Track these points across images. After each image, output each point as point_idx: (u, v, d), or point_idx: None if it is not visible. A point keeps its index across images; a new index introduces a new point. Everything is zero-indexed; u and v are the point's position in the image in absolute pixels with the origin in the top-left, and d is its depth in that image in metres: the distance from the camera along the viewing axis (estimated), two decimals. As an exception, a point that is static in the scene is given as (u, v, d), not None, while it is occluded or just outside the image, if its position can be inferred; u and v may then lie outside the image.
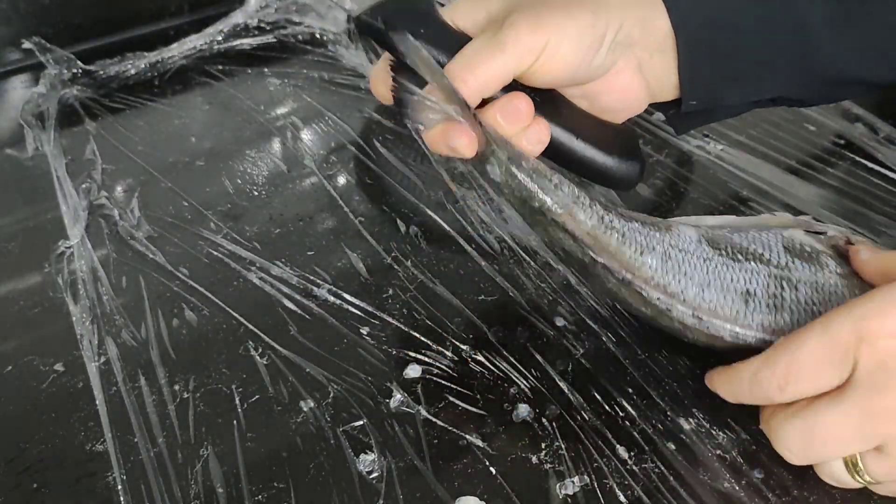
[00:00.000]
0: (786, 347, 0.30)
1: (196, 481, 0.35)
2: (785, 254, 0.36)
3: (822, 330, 0.29)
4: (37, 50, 0.64)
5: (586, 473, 0.35)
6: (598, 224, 0.35)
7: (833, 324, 0.29)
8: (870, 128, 0.56)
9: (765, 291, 0.35)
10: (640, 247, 0.35)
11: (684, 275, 0.35)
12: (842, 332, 0.29)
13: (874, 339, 0.28)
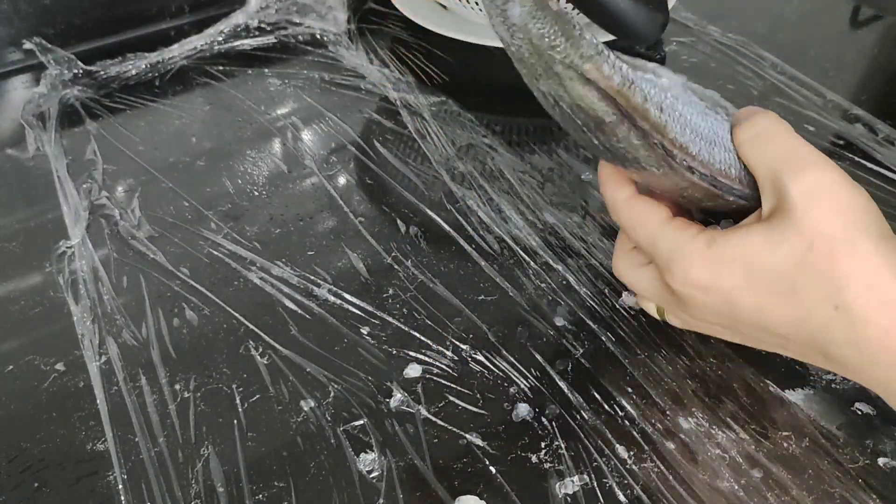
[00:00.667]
0: (638, 225, 0.35)
1: (197, 481, 0.35)
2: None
3: (649, 237, 0.35)
4: (38, 50, 0.64)
5: (586, 473, 0.35)
6: (623, 81, 0.30)
7: (657, 247, 0.34)
8: (870, 128, 0.56)
9: None
10: (659, 105, 0.31)
11: (692, 132, 0.33)
12: (658, 259, 0.35)
13: (679, 284, 0.34)
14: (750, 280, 0.32)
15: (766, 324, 0.32)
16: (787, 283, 0.31)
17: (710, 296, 0.33)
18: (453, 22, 0.66)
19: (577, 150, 0.55)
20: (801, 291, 0.31)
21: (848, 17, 0.72)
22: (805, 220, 0.30)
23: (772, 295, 0.31)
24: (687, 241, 0.33)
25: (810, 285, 0.30)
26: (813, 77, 0.61)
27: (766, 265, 0.31)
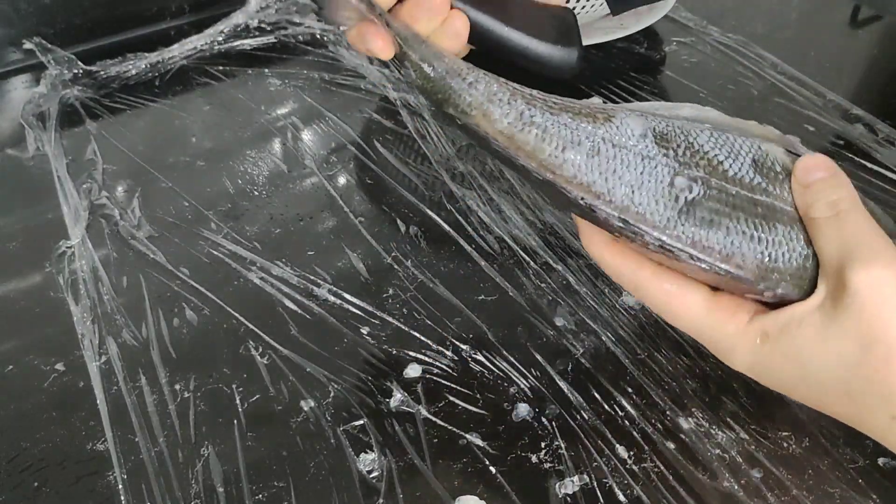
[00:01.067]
0: (674, 305, 0.32)
1: (196, 480, 0.35)
2: (749, 167, 0.32)
3: (693, 328, 0.32)
4: (38, 50, 0.64)
5: (586, 473, 0.35)
6: (515, 121, 0.31)
7: (703, 337, 0.32)
8: (869, 128, 0.56)
9: (705, 203, 0.31)
10: (564, 142, 0.31)
11: (612, 173, 0.31)
12: (707, 346, 0.32)
13: (730, 365, 0.32)
14: (804, 378, 0.30)
15: (825, 411, 0.31)
16: (842, 387, 0.29)
17: (765, 382, 0.32)
18: (453, 22, 0.66)
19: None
20: (857, 396, 0.29)
21: (848, 17, 0.72)
22: (863, 318, 0.28)
23: (827, 395, 0.30)
24: (735, 334, 0.31)
25: (866, 392, 0.28)
26: (813, 77, 0.61)
27: (820, 364, 0.29)
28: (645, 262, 0.32)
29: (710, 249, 0.31)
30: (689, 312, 0.31)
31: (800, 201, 0.31)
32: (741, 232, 0.31)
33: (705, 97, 0.59)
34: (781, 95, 0.60)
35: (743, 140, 0.33)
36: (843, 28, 0.71)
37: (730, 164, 0.32)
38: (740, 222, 0.31)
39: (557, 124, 0.32)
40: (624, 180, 0.31)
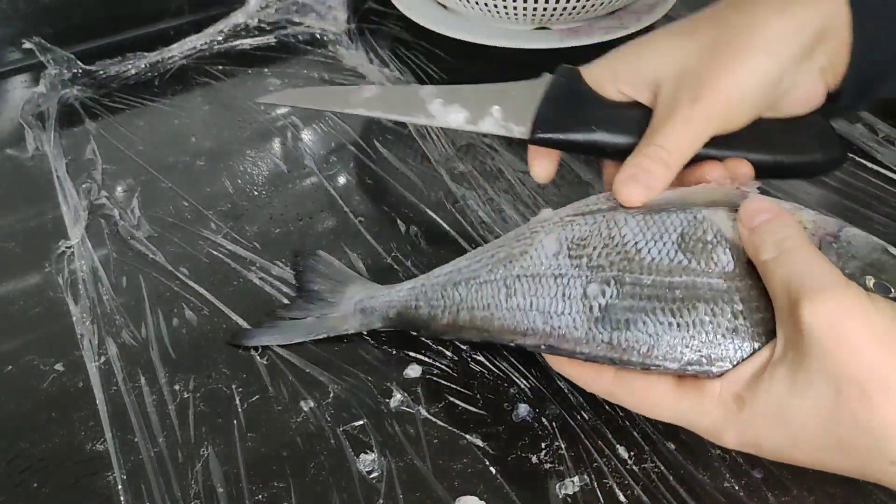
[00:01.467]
0: (645, 400, 0.32)
1: (196, 481, 0.35)
2: (672, 246, 0.32)
3: (671, 416, 0.32)
4: (37, 50, 0.64)
5: (586, 473, 0.35)
6: (449, 308, 0.37)
7: (683, 421, 0.32)
8: (870, 128, 0.56)
9: (618, 304, 0.31)
10: (487, 300, 0.35)
11: (529, 307, 0.33)
12: (690, 429, 0.32)
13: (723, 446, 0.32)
14: (794, 438, 0.29)
15: (828, 469, 0.30)
16: (831, 440, 0.28)
17: (763, 454, 0.31)
18: (453, 22, 0.66)
19: (577, 150, 0.55)
20: (849, 447, 0.28)
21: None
22: (826, 360, 0.27)
23: (823, 451, 0.29)
24: (713, 411, 0.30)
25: (855, 440, 0.27)
26: (813, 77, 0.61)
27: (801, 420, 0.28)
28: (603, 371, 0.33)
29: (632, 349, 0.31)
30: (662, 403, 0.31)
31: (748, 246, 0.31)
32: (658, 323, 0.31)
33: (705, 97, 0.59)
34: (782, 95, 0.59)
35: (676, 215, 0.33)
36: (844, 28, 0.71)
37: (649, 249, 0.32)
38: (657, 313, 0.31)
39: (479, 287, 0.35)
40: (541, 310, 0.33)
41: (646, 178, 0.34)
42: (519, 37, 0.64)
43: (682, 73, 0.35)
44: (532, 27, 0.65)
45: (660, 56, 0.36)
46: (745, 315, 0.30)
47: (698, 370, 0.30)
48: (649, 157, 0.34)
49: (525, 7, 0.61)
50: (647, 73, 0.36)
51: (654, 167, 0.34)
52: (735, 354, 0.30)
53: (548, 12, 0.61)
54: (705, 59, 0.34)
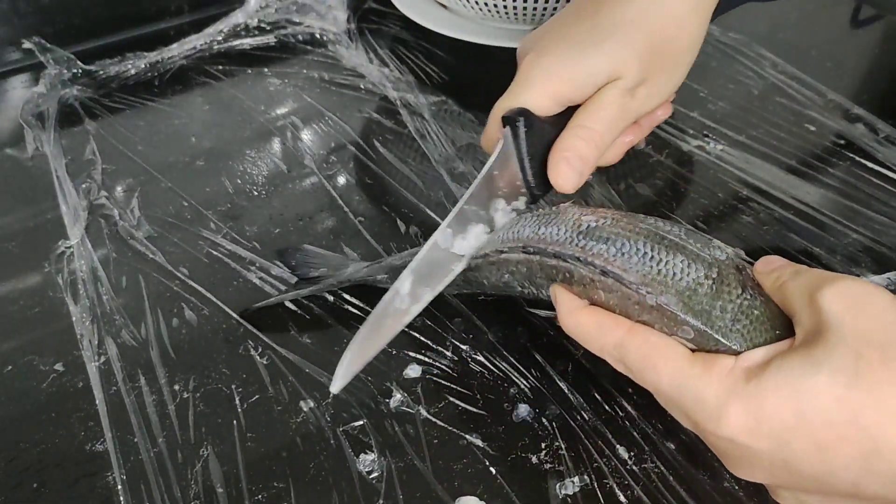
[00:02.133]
0: (655, 357, 0.30)
1: (196, 481, 0.35)
2: (678, 228, 0.34)
3: (674, 382, 0.30)
4: (37, 50, 0.64)
5: (586, 473, 0.35)
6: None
7: (685, 390, 0.30)
8: (870, 128, 0.56)
9: (605, 228, 0.34)
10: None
11: (525, 225, 0.36)
12: (685, 409, 0.30)
13: (706, 433, 0.29)
14: (801, 417, 0.27)
15: (829, 468, 0.27)
16: (843, 412, 0.26)
17: (759, 442, 0.28)
18: (453, 22, 0.66)
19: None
20: (862, 417, 0.26)
21: (848, 17, 0.72)
22: (843, 328, 0.27)
23: (829, 429, 0.26)
24: (721, 380, 0.29)
25: (871, 407, 0.26)
26: (814, 76, 0.61)
27: (815, 391, 0.26)
28: (622, 319, 0.32)
29: (598, 255, 0.33)
30: (672, 363, 0.30)
31: (766, 280, 0.32)
32: (633, 246, 0.32)
33: (706, 96, 0.59)
34: (782, 95, 0.59)
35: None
36: (844, 28, 0.71)
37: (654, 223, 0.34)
38: (636, 241, 0.33)
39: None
40: (533, 227, 0.35)
41: (576, 159, 0.37)
42: (519, 37, 0.64)
43: (616, 73, 0.37)
44: (532, 27, 0.65)
45: (587, 61, 0.37)
46: (716, 287, 0.31)
47: (648, 293, 0.31)
48: (578, 137, 0.37)
49: (525, 7, 0.61)
50: (585, 83, 0.37)
51: (583, 146, 0.37)
52: (688, 306, 0.31)
53: (547, 12, 0.61)
54: (643, 66, 0.37)
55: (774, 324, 0.31)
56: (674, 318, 0.31)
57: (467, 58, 0.66)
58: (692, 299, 0.31)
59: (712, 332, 0.30)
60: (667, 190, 0.51)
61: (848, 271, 0.44)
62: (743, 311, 0.31)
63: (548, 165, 0.37)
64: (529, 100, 0.37)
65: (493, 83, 0.57)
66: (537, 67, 0.37)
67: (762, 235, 0.47)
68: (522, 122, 0.37)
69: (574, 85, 0.37)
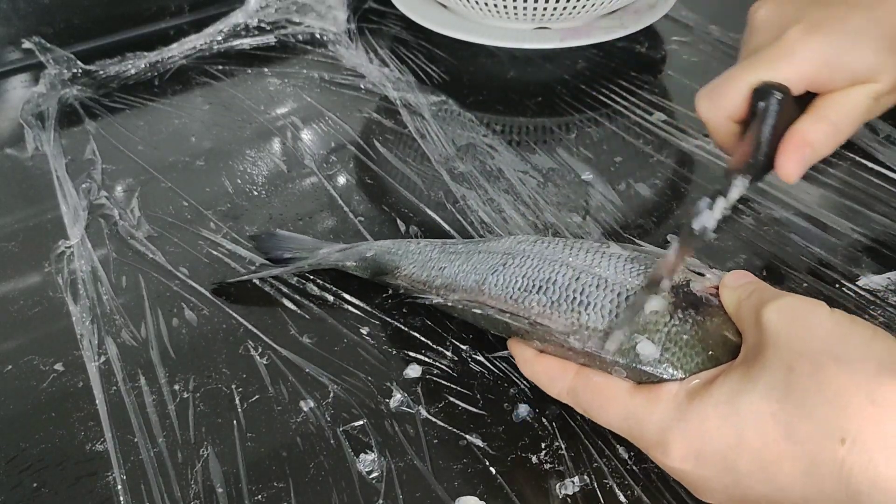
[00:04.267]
0: (601, 396, 0.32)
1: (196, 481, 0.35)
2: (621, 264, 0.35)
3: (620, 415, 0.31)
4: (37, 50, 0.64)
5: (586, 473, 0.35)
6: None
7: (631, 421, 0.31)
8: (870, 128, 0.56)
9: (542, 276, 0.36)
10: (447, 266, 0.40)
11: (474, 271, 0.38)
12: (635, 440, 0.31)
13: (658, 461, 0.30)
14: (741, 435, 0.27)
15: (775, 486, 0.27)
16: (780, 427, 0.26)
17: (705, 467, 0.28)
18: (453, 21, 0.66)
19: (578, 151, 0.55)
20: (796, 432, 0.26)
21: (848, 17, 0.72)
22: (778, 343, 0.27)
23: (768, 447, 0.26)
24: (664, 406, 0.29)
25: (803, 419, 0.26)
26: (813, 77, 0.61)
27: (751, 409, 0.27)
28: (570, 364, 0.34)
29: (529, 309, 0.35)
30: (615, 400, 0.31)
31: (728, 298, 0.32)
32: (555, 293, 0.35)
33: (705, 97, 0.59)
34: (782, 95, 0.59)
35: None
36: (844, 27, 0.71)
37: (599, 260, 0.36)
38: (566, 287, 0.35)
39: (450, 255, 0.41)
40: (478, 274, 0.38)
41: (811, 153, 0.35)
42: (519, 37, 0.64)
43: (875, 76, 0.35)
44: (532, 27, 0.65)
45: (855, 54, 0.35)
46: (642, 320, 0.32)
47: (575, 341, 0.33)
48: (821, 131, 0.35)
49: (525, 7, 0.61)
50: (843, 77, 0.35)
51: (822, 141, 0.35)
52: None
53: (548, 12, 0.61)
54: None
55: (707, 345, 0.31)
56: (603, 360, 0.32)
57: (467, 58, 0.66)
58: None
59: (641, 367, 0.32)
60: (667, 190, 0.51)
61: (848, 271, 0.44)
62: (671, 338, 0.32)
63: (780, 149, 0.35)
64: (788, 75, 0.35)
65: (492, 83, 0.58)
66: (805, 45, 0.35)
67: (762, 235, 0.47)
68: (779, 101, 0.34)
69: (833, 74, 0.35)
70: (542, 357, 0.35)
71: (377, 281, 0.43)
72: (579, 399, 0.33)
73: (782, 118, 0.35)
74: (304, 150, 0.56)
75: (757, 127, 0.34)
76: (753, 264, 0.45)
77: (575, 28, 0.66)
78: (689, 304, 0.33)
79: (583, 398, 0.33)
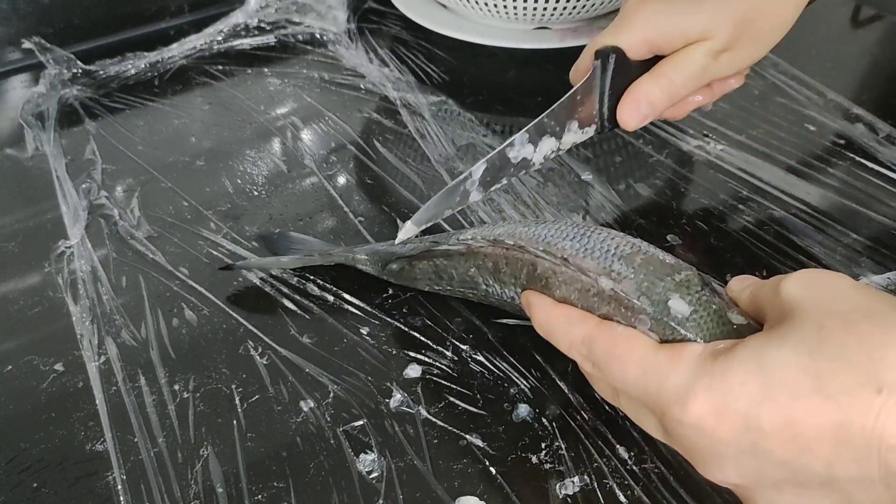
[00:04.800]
0: (622, 346, 0.31)
1: (196, 481, 0.35)
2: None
3: (640, 368, 0.30)
4: (37, 50, 0.64)
5: (586, 473, 0.35)
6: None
7: (651, 374, 0.29)
8: (870, 128, 0.56)
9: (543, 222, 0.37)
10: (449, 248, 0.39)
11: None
12: (651, 398, 0.29)
13: (673, 422, 0.28)
14: (767, 389, 0.26)
15: (799, 446, 0.25)
16: (811, 380, 0.25)
17: (724, 425, 0.26)
18: (453, 21, 0.66)
19: (578, 151, 0.55)
20: (830, 384, 0.25)
21: (848, 17, 0.72)
22: (805, 307, 0.27)
23: (797, 400, 0.25)
24: (687, 364, 0.28)
25: (836, 373, 0.25)
26: (814, 76, 0.61)
27: (779, 362, 0.26)
28: (590, 315, 0.32)
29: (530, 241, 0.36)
30: (637, 351, 0.30)
31: (744, 301, 0.32)
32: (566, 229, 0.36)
33: (705, 97, 0.59)
34: (782, 95, 0.59)
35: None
36: (844, 27, 0.71)
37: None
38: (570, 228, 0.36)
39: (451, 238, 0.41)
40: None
41: (646, 104, 0.41)
42: (519, 37, 0.64)
43: (707, 35, 0.40)
44: (532, 27, 0.65)
45: (685, 17, 0.40)
46: (675, 281, 0.32)
47: (605, 281, 0.32)
48: (655, 84, 0.41)
49: (525, 7, 0.61)
50: (677, 37, 0.40)
51: (657, 94, 0.41)
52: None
53: (548, 12, 0.61)
54: (733, 33, 0.40)
55: (733, 321, 0.31)
56: (630, 306, 0.31)
57: (467, 58, 0.66)
58: (649, 289, 0.32)
59: (668, 321, 0.31)
60: (667, 190, 0.51)
61: (848, 271, 0.44)
62: (702, 303, 0.31)
63: (620, 103, 0.41)
64: (625, 41, 0.40)
65: (492, 83, 0.58)
66: (639, 13, 0.40)
67: (762, 235, 0.47)
68: (613, 59, 0.40)
69: (668, 37, 0.40)
70: (560, 304, 0.34)
71: (386, 276, 0.43)
72: (595, 348, 0.31)
73: (618, 77, 0.41)
74: (304, 150, 0.56)
75: (587, 84, 0.41)
76: (753, 264, 0.45)
77: (575, 28, 0.66)
78: (715, 290, 0.32)
79: (600, 347, 0.31)
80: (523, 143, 0.41)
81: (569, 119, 0.42)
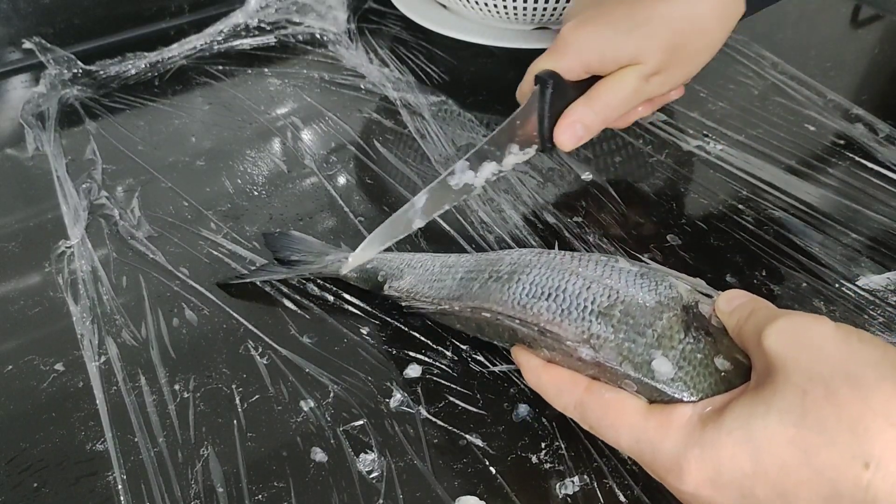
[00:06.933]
0: (612, 415, 0.31)
1: (196, 481, 0.35)
2: (630, 280, 0.34)
3: (632, 437, 0.30)
4: (37, 50, 0.64)
5: (586, 473, 0.35)
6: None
7: (644, 444, 0.30)
8: (870, 128, 0.56)
9: (546, 282, 0.35)
10: (452, 284, 0.39)
11: (474, 280, 0.38)
12: (647, 465, 0.30)
13: (672, 487, 0.30)
14: (758, 462, 0.26)
15: None
16: (797, 454, 0.26)
17: (722, 493, 0.28)
18: (453, 21, 0.66)
19: (578, 151, 0.55)
20: (818, 457, 0.25)
21: (848, 17, 0.72)
22: (786, 366, 0.27)
23: (788, 474, 0.26)
24: (678, 431, 0.29)
25: (822, 447, 0.25)
26: (813, 76, 0.61)
27: (766, 434, 0.26)
28: (579, 378, 0.33)
29: (538, 315, 0.34)
30: (627, 419, 0.30)
31: (728, 320, 0.32)
32: (568, 300, 0.34)
33: (706, 97, 0.59)
34: (782, 95, 0.60)
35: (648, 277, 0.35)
36: (844, 28, 0.71)
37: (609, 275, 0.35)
38: (577, 293, 0.34)
39: (456, 272, 0.40)
40: (481, 283, 0.37)
41: (581, 128, 0.43)
42: (519, 37, 0.64)
43: (638, 59, 0.42)
44: (532, 27, 0.65)
45: (617, 43, 0.42)
46: (656, 335, 0.31)
47: (586, 351, 0.32)
48: (589, 108, 0.43)
49: (525, 7, 0.61)
50: (611, 61, 0.42)
51: (591, 117, 0.43)
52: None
53: (548, 12, 0.61)
54: (662, 58, 0.42)
55: (719, 366, 0.31)
56: (614, 372, 0.32)
57: (467, 58, 0.66)
58: (631, 351, 0.31)
59: (654, 384, 0.31)
60: (667, 190, 0.51)
61: (848, 271, 0.44)
62: (685, 356, 0.31)
63: (557, 124, 0.43)
64: (563, 65, 0.42)
65: (492, 83, 0.58)
66: (575, 38, 0.42)
67: (762, 235, 0.47)
68: (551, 84, 0.42)
69: (602, 61, 0.42)
70: (549, 367, 0.34)
71: (377, 293, 0.43)
72: (588, 414, 0.32)
73: (556, 99, 0.42)
74: (305, 150, 0.56)
75: (527, 108, 0.43)
76: (753, 264, 0.45)
77: (575, 28, 0.66)
78: (700, 325, 0.32)
79: (592, 414, 0.32)
80: (463, 171, 0.42)
81: (509, 142, 0.43)
